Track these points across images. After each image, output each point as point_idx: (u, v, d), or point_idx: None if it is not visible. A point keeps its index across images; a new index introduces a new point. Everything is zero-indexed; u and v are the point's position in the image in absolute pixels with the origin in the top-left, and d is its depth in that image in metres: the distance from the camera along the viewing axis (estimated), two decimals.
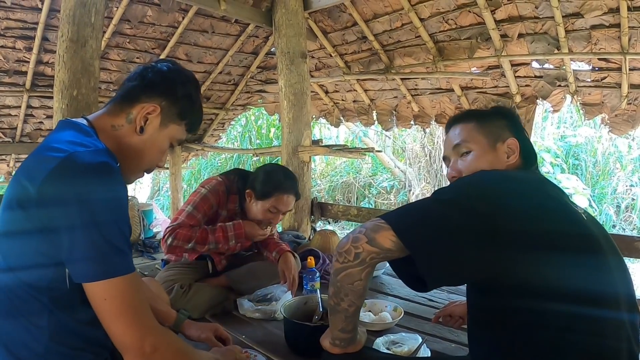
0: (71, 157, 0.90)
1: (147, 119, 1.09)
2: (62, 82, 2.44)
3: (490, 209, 0.96)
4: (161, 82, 1.11)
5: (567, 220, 1.01)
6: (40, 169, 0.89)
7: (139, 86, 1.10)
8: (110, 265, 0.90)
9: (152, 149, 1.13)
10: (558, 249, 0.94)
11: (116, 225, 0.92)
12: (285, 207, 2.10)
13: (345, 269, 1.01)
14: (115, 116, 1.09)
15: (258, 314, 1.96)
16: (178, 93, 1.13)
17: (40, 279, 0.93)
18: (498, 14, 3.03)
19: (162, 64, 1.16)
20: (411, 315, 1.98)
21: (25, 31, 3.36)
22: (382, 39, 3.70)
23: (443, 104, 3.89)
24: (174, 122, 1.14)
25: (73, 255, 0.89)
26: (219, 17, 3.75)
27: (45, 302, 0.93)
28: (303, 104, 3.33)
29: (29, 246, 0.91)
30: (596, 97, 3.23)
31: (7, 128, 4.09)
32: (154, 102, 1.09)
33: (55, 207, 0.88)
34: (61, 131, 1.02)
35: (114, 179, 0.94)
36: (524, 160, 1.21)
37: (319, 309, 1.75)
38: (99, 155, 0.94)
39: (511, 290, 0.96)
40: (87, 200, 0.88)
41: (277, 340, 1.73)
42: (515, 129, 1.24)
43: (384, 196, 8.47)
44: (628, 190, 7.24)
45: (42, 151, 0.96)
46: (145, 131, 1.10)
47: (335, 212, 3.54)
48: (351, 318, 1.10)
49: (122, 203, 0.96)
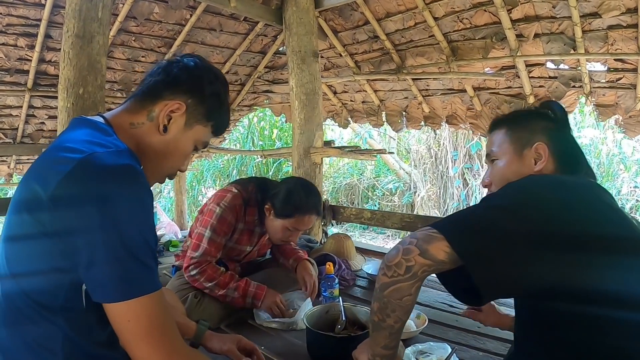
0: (90, 159, 0.80)
1: (170, 117, 0.99)
2: (67, 79, 2.35)
3: (543, 215, 0.91)
4: (188, 78, 1.01)
5: (620, 225, 0.96)
6: (53, 172, 0.79)
7: (163, 81, 1.00)
8: (136, 283, 0.80)
9: (176, 151, 1.03)
10: (614, 254, 0.90)
11: (142, 236, 0.81)
12: (305, 226, 2.01)
13: (395, 284, 0.94)
14: (135, 113, 0.98)
15: (276, 324, 1.87)
16: (206, 91, 1.02)
17: (54, 299, 0.82)
18: (514, 13, 2.99)
19: (188, 59, 1.05)
20: (434, 322, 1.91)
21: (28, 28, 3.28)
22: (394, 38, 3.63)
23: (454, 104, 3.83)
24: (200, 123, 1.03)
25: (92, 271, 0.78)
26: (228, 14, 3.69)
27: (60, 324, 0.83)
28: (315, 104, 3.26)
29: (40, 260, 0.81)
30: (610, 99, 3.19)
31: (7, 129, 4.00)
32: (179, 99, 0.99)
33: (72, 215, 0.77)
34: (76, 129, 0.93)
35: (139, 184, 0.83)
36: (561, 165, 1.13)
37: (342, 318, 1.69)
38: (121, 156, 0.84)
39: (567, 297, 0.91)
40: (108, 208, 0.77)
41: (298, 351, 1.65)
42: (554, 130, 1.15)
43: (388, 198, 8.41)
44: (632, 191, 7.22)
45: (55, 152, 0.85)
46: (169, 131, 0.99)
47: (347, 215, 3.46)
48: (396, 334, 1.03)
49: (148, 211, 0.85)
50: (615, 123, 3.40)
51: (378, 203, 8.46)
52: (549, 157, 1.11)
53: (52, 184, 0.78)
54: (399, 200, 8.25)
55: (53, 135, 4.12)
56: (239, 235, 2.06)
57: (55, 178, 0.78)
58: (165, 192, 8.98)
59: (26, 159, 4.64)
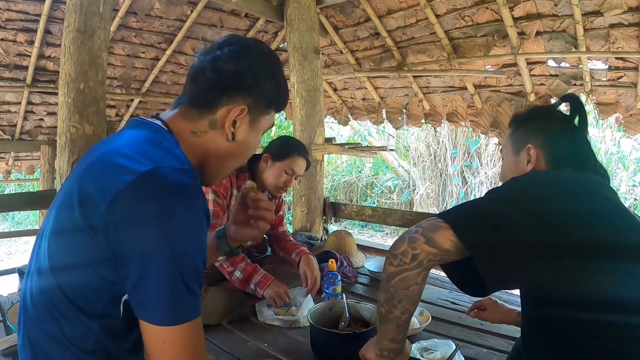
0: (153, 173, 0.77)
1: (235, 121, 0.93)
2: (68, 74, 2.33)
3: (548, 210, 0.91)
4: (239, 76, 0.92)
5: (625, 224, 0.96)
6: (113, 180, 0.76)
7: (215, 88, 0.92)
8: (181, 309, 0.77)
9: (247, 149, 1.00)
10: (618, 258, 0.89)
11: (195, 260, 0.78)
12: (299, 169, 2.19)
13: (401, 273, 0.94)
14: (194, 122, 0.93)
15: (279, 322, 1.87)
16: (260, 81, 0.94)
17: (93, 305, 0.82)
18: (516, 11, 2.99)
19: (229, 49, 0.93)
20: (437, 319, 1.90)
21: (27, 23, 3.26)
22: (395, 35, 3.63)
23: (455, 102, 3.83)
24: (264, 113, 0.98)
25: (140, 288, 0.76)
26: (229, 10, 3.67)
27: (94, 329, 0.82)
28: (316, 101, 3.26)
29: (85, 266, 0.79)
30: (611, 97, 3.20)
31: (6, 125, 3.98)
32: (239, 103, 0.92)
33: (128, 229, 0.75)
34: (135, 130, 0.89)
35: (200, 206, 0.80)
36: (558, 166, 1.13)
37: (345, 315, 1.68)
38: (185, 175, 0.80)
39: (570, 299, 0.90)
40: (168, 227, 0.74)
41: (302, 349, 1.64)
42: (555, 131, 1.15)
43: (387, 196, 8.41)
44: (631, 190, 7.24)
45: (116, 155, 0.81)
46: (237, 136, 0.94)
47: (349, 212, 3.46)
48: (403, 327, 1.02)
49: (204, 235, 0.83)
50: (616, 121, 3.41)
51: (377, 201, 8.46)
52: (541, 159, 1.13)
53: (111, 192, 0.75)
54: (397, 198, 8.26)
55: (52, 132, 4.10)
56: (234, 201, 2.15)
57: (115, 187, 0.75)
58: None
59: (24, 156, 4.63)
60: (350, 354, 1.51)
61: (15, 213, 8.45)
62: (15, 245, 7.38)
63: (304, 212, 3.31)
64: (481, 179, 7.44)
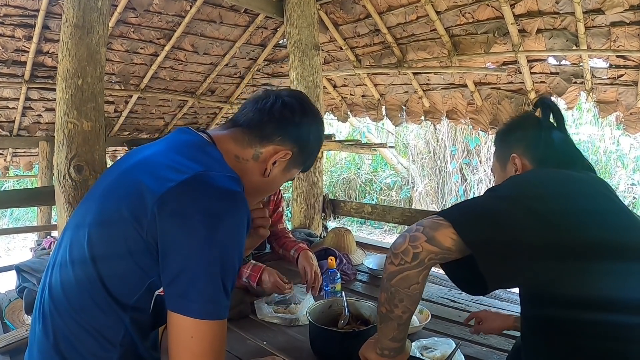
0: (205, 175, 0.81)
1: (275, 161, 1.00)
2: (66, 70, 2.31)
3: (548, 208, 0.91)
4: (297, 125, 1.01)
5: (625, 224, 0.96)
6: (165, 177, 0.81)
7: (274, 125, 0.98)
8: (217, 306, 0.79)
9: (268, 190, 1.06)
10: (618, 257, 0.89)
11: (233, 264, 0.82)
12: None
13: (402, 272, 0.93)
14: (242, 148, 0.98)
15: (278, 320, 1.86)
16: (311, 141, 1.04)
17: (128, 296, 0.84)
18: (517, 8, 2.98)
19: (297, 100, 1.03)
20: (437, 317, 1.90)
21: (25, 19, 3.23)
22: (395, 32, 3.62)
23: (455, 99, 3.83)
24: (297, 166, 1.06)
25: (180, 280, 0.78)
26: (228, 6, 3.65)
27: (125, 321, 0.85)
28: (315, 97, 3.24)
29: (127, 256, 0.82)
30: (611, 95, 3.20)
31: (4, 121, 3.96)
32: (287, 147, 1.00)
33: (176, 223, 0.78)
34: (185, 135, 0.95)
35: (245, 211, 0.84)
36: (539, 167, 1.15)
37: (345, 313, 1.67)
38: (234, 182, 0.85)
39: (569, 298, 0.90)
40: (215, 226, 0.78)
41: (301, 347, 1.64)
42: (528, 137, 1.18)
43: (386, 193, 8.41)
44: (630, 188, 7.24)
45: (166, 156, 0.87)
46: (270, 174, 1.01)
47: (348, 209, 3.45)
48: (404, 326, 1.02)
49: (244, 240, 0.86)
50: (616, 120, 3.40)
51: (375, 198, 8.46)
52: (527, 165, 1.15)
53: (162, 188, 0.79)
54: (396, 195, 8.26)
55: (50, 128, 4.08)
56: None
57: (166, 184, 0.79)
58: None
59: (23, 152, 4.61)
60: (350, 352, 1.50)
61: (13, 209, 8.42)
62: (14, 242, 7.37)
63: (303, 209, 3.31)
64: (480, 177, 7.44)
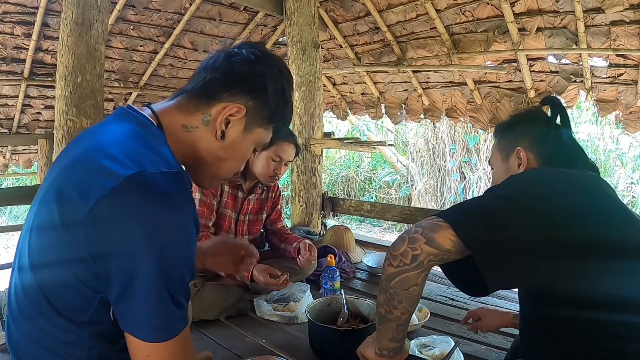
0: (138, 179, 0.71)
1: (228, 121, 0.88)
2: (65, 67, 2.32)
3: (549, 208, 0.90)
4: (249, 76, 0.88)
5: (624, 222, 0.96)
6: (95, 184, 0.71)
7: (221, 80, 0.87)
8: (168, 325, 0.73)
9: (233, 155, 0.93)
10: (618, 256, 0.89)
11: (181, 274, 0.74)
12: (286, 155, 2.13)
13: (401, 273, 0.93)
14: (189, 114, 0.88)
15: (277, 317, 1.87)
16: (269, 91, 0.89)
17: (80, 313, 0.77)
18: (517, 6, 2.98)
19: (249, 51, 0.90)
20: (436, 315, 1.91)
21: (25, 16, 3.23)
22: (395, 30, 3.62)
23: (454, 97, 3.82)
24: (262, 126, 0.93)
25: (124, 300, 0.72)
26: (228, 4, 3.65)
27: (86, 337, 0.78)
28: (315, 95, 3.24)
29: (64, 266, 0.74)
30: (611, 94, 3.19)
31: (3, 119, 3.96)
32: (239, 101, 0.87)
33: (112, 237, 0.70)
34: (121, 123, 0.83)
35: (188, 214, 0.76)
36: (550, 164, 1.12)
37: (344, 311, 1.67)
38: (172, 180, 0.75)
39: (569, 297, 0.90)
40: (154, 240, 0.70)
41: (300, 344, 1.64)
42: (541, 132, 1.15)
43: (385, 191, 8.41)
44: (629, 187, 7.24)
45: (97, 155, 0.76)
46: (227, 136, 0.89)
47: (347, 207, 3.45)
48: (403, 326, 1.02)
49: (192, 245, 0.78)
50: (615, 119, 3.40)
51: (375, 196, 8.46)
52: (533, 159, 1.12)
53: (93, 198, 0.70)
54: (395, 193, 8.25)
55: (49, 126, 4.07)
56: (226, 198, 2.15)
57: (97, 193, 0.70)
58: None
59: (22, 150, 4.60)
60: (349, 350, 1.50)
61: (12, 207, 8.42)
62: (13, 239, 7.37)
63: (302, 207, 3.31)
64: (479, 175, 7.44)
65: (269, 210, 2.35)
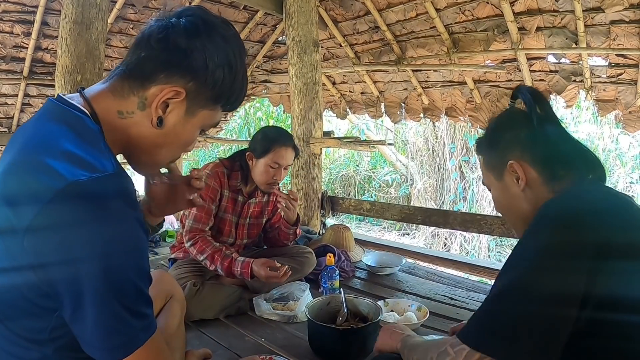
0: (72, 190, 0.64)
1: (167, 104, 0.78)
2: (64, 66, 2.32)
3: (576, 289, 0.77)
4: (187, 52, 0.76)
5: None
6: (28, 198, 0.65)
7: (156, 59, 0.76)
8: (126, 339, 0.67)
9: (176, 141, 0.83)
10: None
11: (133, 283, 0.68)
12: (284, 160, 2.09)
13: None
14: (123, 99, 0.78)
15: (276, 316, 1.87)
16: (211, 67, 0.77)
17: (39, 333, 0.70)
18: (517, 6, 2.98)
19: (187, 20, 0.78)
20: (435, 314, 1.91)
21: (24, 15, 3.23)
22: (395, 29, 3.62)
23: (454, 97, 3.82)
24: (206, 107, 0.82)
25: (78, 322, 0.66)
26: (227, 3, 3.65)
27: (49, 354, 0.72)
28: (314, 94, 3.25)
29: (16, 291, 0.68)
30: (610, 94, 3.20)
31: (3, 117, 3.95)
32: (177, 83, 0.77)
33: (52, 256, 0.64)
34: (50, 124, 0.73)
35: (128, 222, 0.68)
36: (550, 169, 0.97)
37: (343, 310, 1.68)
38: (108, 185, 0.67)
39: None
40: (95, 254, 0.64)
41: (299, 344, 1.65)
42: (522, 136, 1.02)
43: (385, 190, 8.41)
44: (628, 187, 7.24)
45: (30, 162, 0.68)
46: (166, 122, 0.79)
47: (347, 206, 3.45)
48: None
49: (141, 251, 0.71)
50: (615, 118, 3.40)
51: (374, 195, 8.46)
52: (529, 169, 0.99)
53: (27, 214, 0.63)
54: (395, 192, 8.25)
55: None
56: (225, 202, 2.14)
57: (31, 209, 0.63)
58: None
59: None
60: (348, 348, 1.51)
61: None
62: None
63: (302, 206, 3.31)
64: (479, 174, 7.44)
65: (269, 214, 2.34)
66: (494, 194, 1.09)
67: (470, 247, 6.82)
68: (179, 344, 1.34)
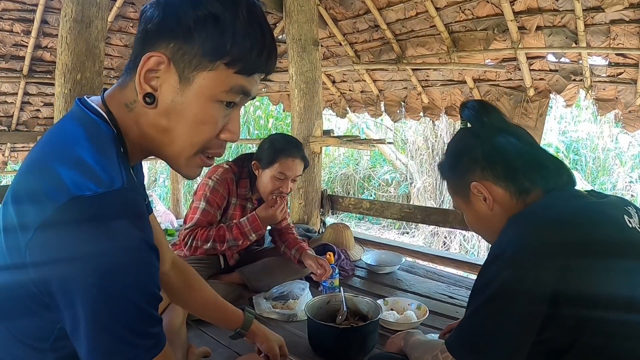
0: (72, 207, 0.61)
1: (152, 79, 0.69)
2: (64, 65, 2.32)
3: (547, 291, 0.81)
4: (159, 14, 0.68)
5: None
6: (33, 211, 0.63)
7: (142, 36, 0.71)
8: (129, 357, 0.64)
9: (183, 121, 0.71)
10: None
11: (134, 303, 0.63)
12: (291, 171, 2.01)
13: None
14: (125, 89, 0.73)
15: (276, 315, 1.87)
16: (189, 19, 0.67)
17: (42, 341, 0.70)
18: (517, 5, 2.97)
19: None
20: (435, 313, 1.92)
21: (24, 13, 3.23)
22: (395, 28, 3.61)
23: (454, 96, 3.82)
24: (201, 68, 0.69)
25: (75, 340, 0.64)
26: None
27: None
28: (314, 93, 3.24)
29: (20, 299, 0.67)
30: (610, 93, 3.19)
31: (2, 116, 3.95)
32: (157, 49, 0.68)
33: (52, 275, 0.62)
34: (70, 126, 0.71)
35: (131, 240, 0.63)
36: (517, 182, 0.97)
37: (343, 309, 1.68)
38: (113, 203, 0.64)
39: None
40: (91, 276, 0.60)
41: (299, 342, 1.65)
42: (477, 156, 1.00)
43: (384, 188, 8.42)
44: (628, 186, 7.25)
45: (40, 168, 0.68)
46: (161, 100, 0.70)
47: (346, 204, 3.46)
48: None
49: (145, 268, 0.65)
50: (615, 118, 3.41)
51: (374, 194, 8.47)
52: (493, 187, 0.99)
53: (29, 229, 0.61)
54: (395, 191, 8.26)
55: (49, 123, 4.07)
56: (232, 210, 2.10)
57: (33, 223, 0.61)
58: (160, 180, 8.94)
59: (21, 147, 4.60)
60: (348, 347, 1.52)
61: None
62: None
63: (302, 204, 3.31)
64: None
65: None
66: (466, 217, 1.09)
67: (469, 246, 6.83)
68: (181, 342, 1.35)
